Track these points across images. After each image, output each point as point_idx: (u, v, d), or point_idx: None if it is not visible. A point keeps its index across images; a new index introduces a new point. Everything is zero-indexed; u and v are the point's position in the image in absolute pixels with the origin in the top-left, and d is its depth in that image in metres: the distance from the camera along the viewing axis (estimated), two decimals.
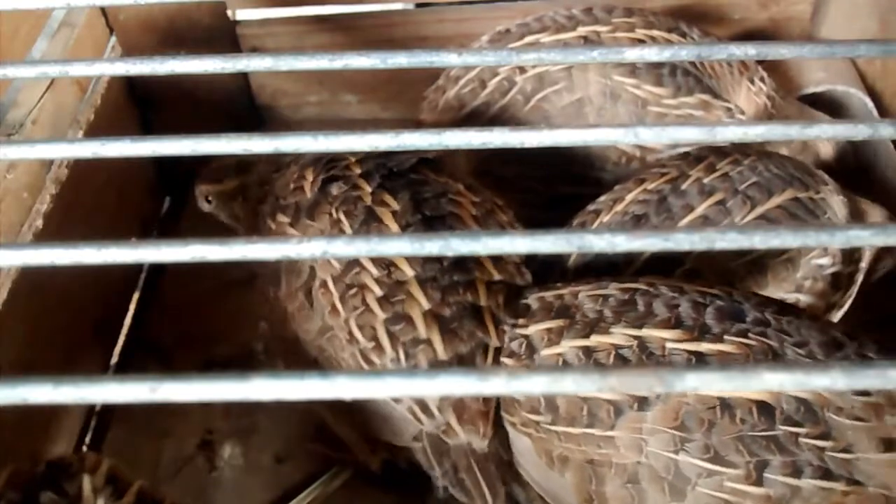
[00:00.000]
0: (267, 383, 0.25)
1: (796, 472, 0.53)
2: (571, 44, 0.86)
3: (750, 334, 0.57)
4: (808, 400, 0.54)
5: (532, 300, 0.66)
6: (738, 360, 0.56)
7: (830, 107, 0.97)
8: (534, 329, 0.64)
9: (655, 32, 0.87)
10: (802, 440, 0.53)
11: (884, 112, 0.97)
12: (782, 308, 0.61)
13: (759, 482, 0.53)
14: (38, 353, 0.78)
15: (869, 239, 0.29)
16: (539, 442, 0.61)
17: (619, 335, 0.59)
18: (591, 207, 0.78)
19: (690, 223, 0.71)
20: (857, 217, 0.78)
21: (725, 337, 0.57)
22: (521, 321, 0.65)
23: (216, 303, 0.95)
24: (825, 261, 0.73)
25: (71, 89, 0.90)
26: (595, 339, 0.60)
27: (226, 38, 1.06)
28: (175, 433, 0.84)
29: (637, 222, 0.73)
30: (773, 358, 0.56)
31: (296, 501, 0.78)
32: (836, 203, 0.76)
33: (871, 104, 0.97)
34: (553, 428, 0.60)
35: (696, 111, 0.85)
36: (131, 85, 1.04)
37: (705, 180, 0.73)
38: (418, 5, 1.10)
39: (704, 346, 0.57)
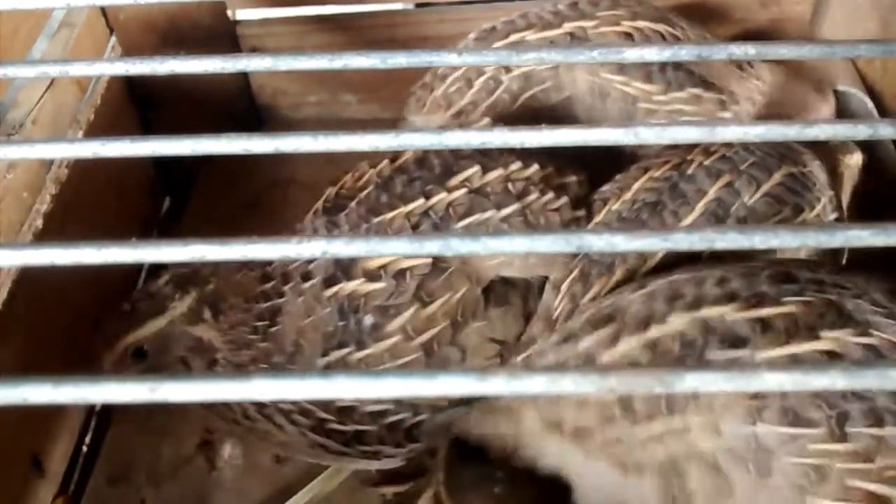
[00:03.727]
0: (267, 383, 0.25)
1: (878, 422, 0.51)
2: (558, 41, 0.85)
3: (807, 293, 0.55)
4: (875, 345, 0.52)
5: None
6: (802, 319, 0.54)
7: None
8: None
9: (641, 23, 0.85)
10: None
11: (884, 112, 0.97)
12: (837, 268, 0.60)
13: (843, 438, 0.51)
14: (38, 353, 0.78)
15: (869, 239, 0.29)
16: (614, 456, 0.57)
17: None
18: (596, 196, 0.77)
19: (706, 206, 0.72)
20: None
21: (784, 299, 0.55)
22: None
23: None
24: None
25: (71, 89, 0.90)
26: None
27: (226, 38, 1.06)
28: (175, 433, 0.84)
29: (653, 209, 0.72)
30: (836, 311, 0.54)
31: (294, 500, 0.78)
32: (818, 169, 0.76)
33: (871, 104, 0.97)
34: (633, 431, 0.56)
35: (688, 106, 0.84)
36: (131, 85, 1.04)
37: (707, 163, 0.73)
38: (418, 5, 1.10)
39: (765, 312, 0.55)
